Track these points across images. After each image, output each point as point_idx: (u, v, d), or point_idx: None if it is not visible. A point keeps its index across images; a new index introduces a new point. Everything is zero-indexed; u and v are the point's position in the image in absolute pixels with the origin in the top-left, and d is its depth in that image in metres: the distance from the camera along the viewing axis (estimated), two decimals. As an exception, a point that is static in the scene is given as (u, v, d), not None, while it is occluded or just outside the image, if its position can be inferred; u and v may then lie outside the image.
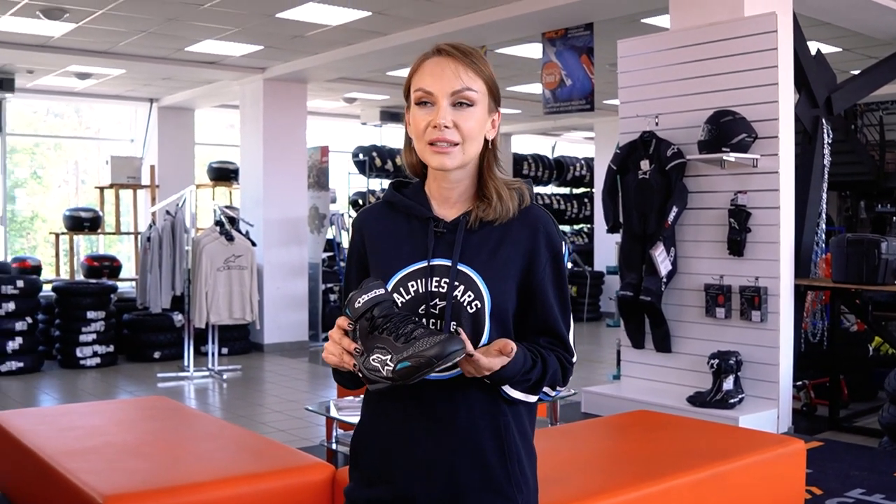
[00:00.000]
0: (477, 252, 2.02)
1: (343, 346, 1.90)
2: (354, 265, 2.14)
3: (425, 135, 1.99)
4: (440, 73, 1.99)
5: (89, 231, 12.61)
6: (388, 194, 2.14)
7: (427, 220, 2.06)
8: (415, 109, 2.02)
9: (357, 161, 13.89)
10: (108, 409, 5.32)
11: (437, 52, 2.03)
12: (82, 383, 9.66)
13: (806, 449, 4.46)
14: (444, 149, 1.98)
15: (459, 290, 1.99)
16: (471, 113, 2.00)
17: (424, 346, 1.79)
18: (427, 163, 2.03)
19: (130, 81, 12.45)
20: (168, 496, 3.53)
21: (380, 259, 2.07)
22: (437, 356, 1.78)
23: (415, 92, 2.02)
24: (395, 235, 2.08)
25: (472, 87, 2.00)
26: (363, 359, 1.87)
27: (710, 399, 6.32)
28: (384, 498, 2.03)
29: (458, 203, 2.08)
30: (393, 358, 1.82)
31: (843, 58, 10.30)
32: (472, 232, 2.04)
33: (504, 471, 2.01)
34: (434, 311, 1.99)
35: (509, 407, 2.04)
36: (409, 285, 2.00)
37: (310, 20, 9.05)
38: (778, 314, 6.29)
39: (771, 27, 6.20)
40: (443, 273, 2.00)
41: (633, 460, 4.10)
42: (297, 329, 12.18)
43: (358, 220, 2.16)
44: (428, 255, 2.02)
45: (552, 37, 8.77)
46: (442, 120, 1.97)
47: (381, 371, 1.83)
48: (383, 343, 1.84)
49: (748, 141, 6.24)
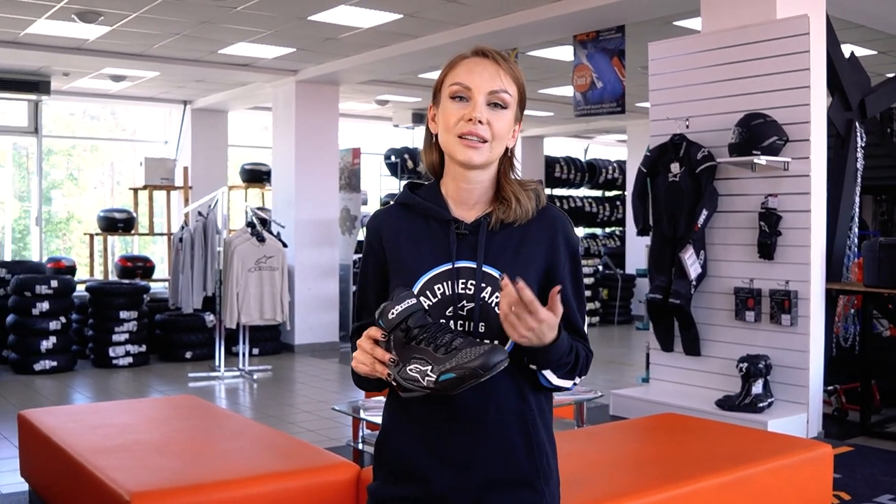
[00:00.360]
0: (500, 253, 2.04)
1: (376, 356, 1.92)
2: (371, 267, 2.15)
3: (456, 127, 2.01)
4: (480, 71, 2.03)
5: (123, 232, 12.73)
6: (404, 196, 2.16)
7: (447, 221, 2.07)
8: (447, 103, 2.04)
9: (389, 163, 13.95)
10: (137, 408, 5.38)
11: (476, 52, 2.07)
12: (114, 383, 9.75)
13: (835, 454, 4.43)
14: (474, 143, 2.01)
15: (487, 292, 2.01)
16: (503, 114, 2.03)
17: (468, 356, 1.81)
18: (452, 156, 2.05)
19: (164, 84, 12.57)
20: (194, 494, 3.57)
21: (402, 262, 2.08)
22: (483, 367, 1.80)
23: (451, 86, 2.04)
24: (415, 237, 2.09)
25: (508, 91, 2.04)
26: (398, 369, 1.89)
27: (738, 403, 6.29)
28: (412, 495, 2.06)
29: (476, 205, 2.10)
30: (434, 369, 1.83)
31: (878, 60, 10.20)
32: (494, 233, 2.06)
33: (532, 464, 2.05)
34: (462, 312, 2.01)
35: (535, 402, 2.08)
36: (436, 288, 2.02)
37: (342, 23, 9.09)
38: (808, 318, 6.25)
39: (803, 30, 6.16)
40: (468, 275, 2.02)
41: (659, 462, 4.09)
42: (327, 330, 12.23)
43: (374, 222, 2.17)
44: (452, 258, 2.04)
45: (583, 39, 8.76)
46: (477, 114, 1.99)
47: (420, 381, 1.85)
48: (421, 354, 1.86)
49: (779, 144, 6.21)
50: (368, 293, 2.15)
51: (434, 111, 2.10)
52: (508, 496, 2.04)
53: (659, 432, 4.75)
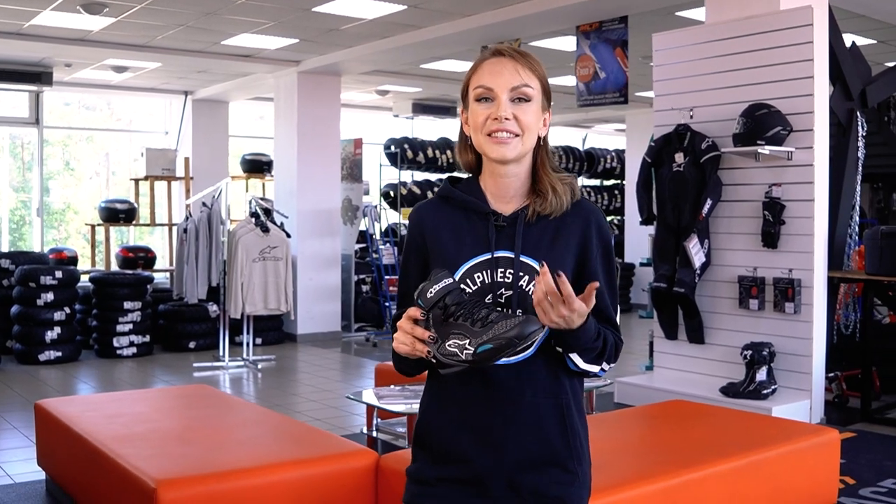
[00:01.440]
0: (537, 244, 2.13)
1: (416, 335, 2.00)
2: (413, 257, 2.24)
3: (485, 127, 2.11)
4: (499, 72, 2.12)
5: (124, 222, 12.77)
6: (445, 190, 2.25)
7: (486, 214, 2.17)
8: (474, 105, 2.14)
9: (389, 153, 13.96)
10: (152, 397, 5.44)
11: (494, 53, 2.16)
12: (119, 373, 9.81)
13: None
14: (504, 139, 2.10)
15: (524, 280, 2.10)
16: (528, 107, 2.13)
17: (504, 328, 1.89)
18: (486, 154, 2.15)
19: (166, 74, 12.60)
20: (217, 481, 3.63)
21: (443, 252, 2.16)
22: (519, 336, 1.88)
23: (475, 89, 2.14)
24: (455, 229, 2.18)
25: (530, 84, 2.13)
26: (438, 345, 1.96)
27: (742, 390, 6.37)
28: (453, 475, 2.14)
29: (514, 198, 2.19)
30: (472, 342, 1.91)
31: (878, 50, 10.27)
32: (531, 225, 2.15)
33: (566, 445, 2.15)
34: (500, 300, 2.10)
35: (569, 386, 2.17)
36: (476, 276, 2.11)
37: (345, 14, 9.13)
38: (811, 306, 6.33)
39: (806, 20, 6.22)
40: (506, 264, 2.11)
41: (669, 448, 4.17)
42: (329, 319, 12.30)
43: (416, 215, 2.26)
44: (491, 248, 2.13)
45: (586, 30, 8.81)
46: (502, 112, 2.09)
47: (459, 355, 1.93)
48: (459, 329, 1.94)
49: (783, 134, 6.27)
50: (410, 283, 2.23)
51: (465, 115, 2.19)
52: (542, 476, 2.12)
53: (668, 419, 4.82)
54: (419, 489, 2.20)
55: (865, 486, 5.02)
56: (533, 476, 2.12)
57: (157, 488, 3.47)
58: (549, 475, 2.13)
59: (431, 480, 2.18)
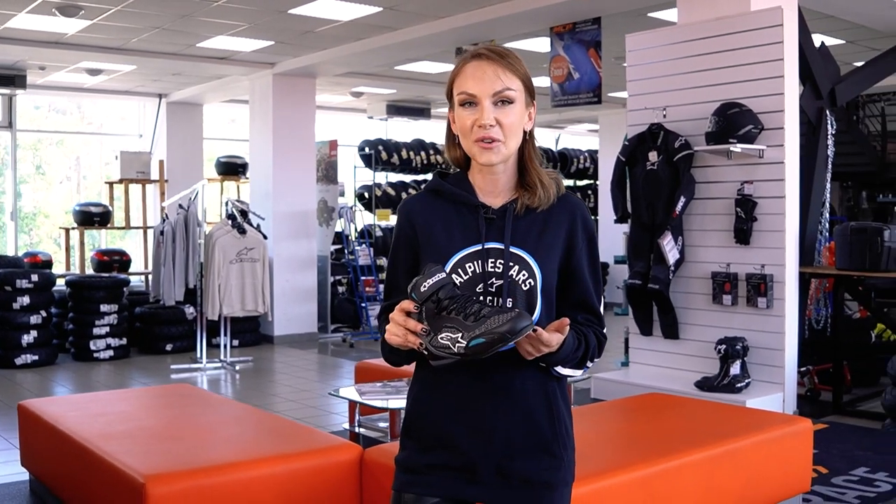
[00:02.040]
0: (525, 235, 2.22)
1: (408, 327, 2.07)
2: (403, 249, 2.31)
3: (472, 133, 2.19)
4: (481, 76, 2.19)
5: (99, 226, 12.75)
6: (435, 183, 2.32)
7: (476, 207, 2.24)
8: (459, 110, 2.22)
9: (363, 155, 14.02)
10: (134, 396, 5.48)
11: (475, 56, 2.22)
12: (96, 375, 9.81)
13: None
14: (490, 145, 2.18)
15: (514, 270, 2.18)
16: (511, 109, 2.19)
17: (496, 323, 1.96)
18: (475, 159, 2.24)
19: (140, 77, 12.59)
20: (205, 476, 3.68)
21: (434, 243, 2.24)
22: (510, 331, 1.95)
23: (458, 95, 2.21)
24: (446, 221, 2.26)
25: (511, 87, 2.19)
26: (430, 338, 2.04)
27: (717, 384, 6.47)
28: (443, 462, 2.22)
29: (502, 192, 2.27)
30: (465, 335, 1.98)
31: (847, 50, 10.43)
32: (519, 218, 2.23)
33: (553, 432, 2.23)
34: (491, 289, 2.18)
35: (554, 375, 2.25)
36: (467, 266, 2.19)
37: (321, 16, 9.18)
38: (783, 301, 6.44)
39: (777, 21, 6.33)
40: (497, 255, 2.19)
41: (647, 439, 4.26)
42: (306, 321, 12.34)
43: (406, 208, 2.33)
44: (481, 239, 2.20)
45: (560, 31, 8.91)
46: (487, 120, 2.16)
47: (451, 348, 2.00)
48: (452, 323, 2.01)
49: (754, 132, 6.38)
50: (399, 274, 2.31)
51: (452, 114, 2.27)
52: (530, 461, 2.21)
53: (644, 411, 4.92)
54: (409, 477, 2.27)
55: (838, 476, 5.14)
56: (521, 462, 2.20)
57: (145, 483, 3.52)
58: (537, 461, 2.21)
59: (421, 468, 2.24)
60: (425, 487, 2.24)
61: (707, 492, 3.97)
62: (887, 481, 4.99)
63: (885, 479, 5.02)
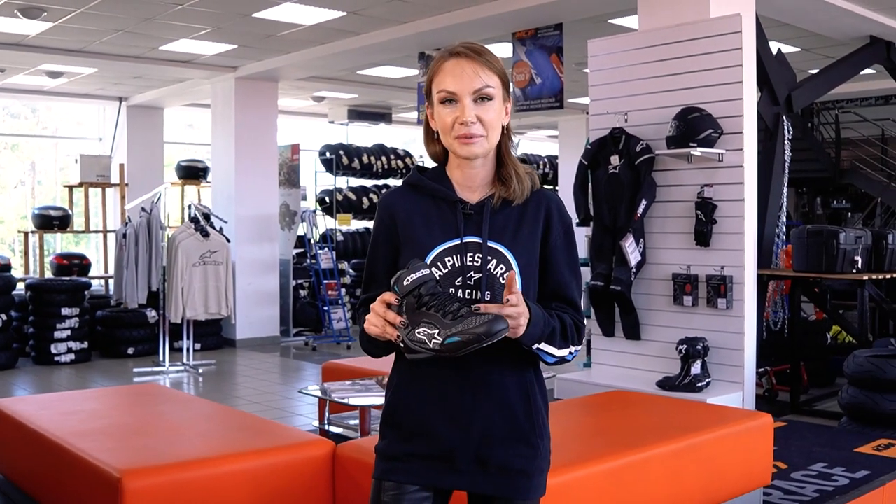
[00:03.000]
0: (502, 230, 2.29)
1: (388, 319, 2.14)
2: (383, 243, 2.37)
3: (453, 130, 2.26)
4: (460, 74, 2.25)
5: (59, 229, 12.66)
6: (414, 178, 2.39)
7: (454, 202, 2.31)
8: (439, 107, 2.28)
9: (324, 159, 14.06)
10: (104, 395, 5.48)
11: (453, 54, 2.29)
12: (57, 379, 9.77)
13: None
14: (472, 140, 2.25)
15: (492, 264, 2.25)
16: (490, 106, 2.27)
17: (473, 324, 2.03)
18: (456, 153, 2.30)
19: (101, 80, 12.55)
20: (180, 470, 3.71)
21: (414, 237, 2.30)
22: (486, 333, 2.03)
23: (438, 93, 2.28)
24: (425, 215, 2.32)
25: (490, 84, 2.26)
26: (408, 331, 2.10)
27: (678, 383, 6.58)
28: (423, 451, 2.28)
29: (480, 187, 2.34)
30: (441, 333, 2.05)
31: (802, 57, 10.65)
32: (496, 212, 2.30)
33: (529, 422, 2.31)
34: (470, 282, 2.25)
35: (532, 367, 2.33)
36: (446, 260, 2.26)
37: (285, 20, 9.22)
38: (743, 301, 6.56)
39: (736, 28, 6.46)
40: (475, 249, 2.26)
41: (614, 433, 4.36)
42: (268, 324, 12.35)
43: (386, 203, 2.39)
44: (460, 234, 2.27)
45: (522, 36, 9.02)
46: (468, 117, 2.23)
47: (427, 343, 2.07)
48: (430, 319, 2.08)
49: (714, 136, 6.51)
50: (378, 266, 2.38)
51: (430, 110, 2.33)
52: (507, 450, 2.28)
53: (608, 407, 5.02)
54: (389, 465, 2.32)
55: (797, 470, 5.27)
56: (499, 450, 2.26)
57: (121, 478, 3.53)
58: (514, 449, 2.28)
59: (401, 456, 2.30)
60: (405, 475, 2.29)
61: (673, 484, 4.07)
62: (844, 476, 5.13)
63: (842, 474, 5.16)
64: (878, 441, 5.97)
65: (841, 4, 8.28)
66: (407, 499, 2.29)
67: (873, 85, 13.02)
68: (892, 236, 7.56)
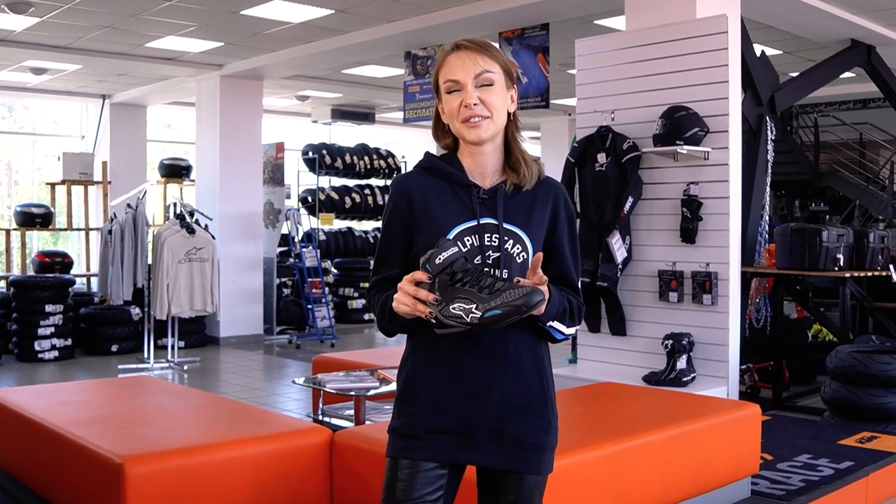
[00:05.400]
0: (515, 213, 2.40)
1: (420, 296, 2.22)
2: (397, 224, 2.44)
3: (459, 114, 2.38)
4: (462, 64, 2.39)
5: (41, 227, 12.64)
6: (428, 161, 2.48)
7: (468, 186, 2.41)
8: (446, 97, 2.41)
9: (307, 159, 14.06)
10: (99, 387, 5.51)
11: (456, 47, 2.43)
12: (41, 376, 9.75)
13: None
14: (477, 123, 2.36)
15: (509, 244, 2.36)
16: (492, 90, 2.38)
17: (512, 296, 2.12)
18: (464, 138, 2.40)
19: (84, 77, 12.52)
20: (181, 457, 3.75)
21: (432, 217, 2.38)
22: (526, 304, 2.12)
23: (444, 83, 2.41)
24: (442, 196, 2.41)
25: (491, 70, 2.39)
26: (441, 307, 2.18)
27: (664, 378, 6.65)
28: (442, 426, 2.35)
29: (490, 174, 2.45)
30: (480, 307, 2.13)
31: (785, 60, 10.78)
32: (509, 197, 2.41)
33: (542, 396, 2.41)
34: (489, 261, 2.34)
35: (544, 345, 2.44)
36: (465, 240, 2.35)
37: (272, 17, 9.25)
38: (727, 297, 6.65)
39: (722, 28, 6.56)
40: (492, 230, 2.36)
41: (607, 421, 4.43)
42: (252, 322, 12.37)
43: (402, 184, 2.47)
44: (476, 215, 2.37)
45: (509, 36, 9.10)
46: (471, 99, 2.36)
47: (464, 318, 2.15)
48: (466, 294, 2.16)
49: (700, 135, 6.60)
50: (392, 247, 2.45)
51: (440, 105, 2.45)
52: (523, 423, 2.36)
53: (600, 398, 5.09)
54: (405, 443, 2.38)
55: (783, 461, 5.36)
56: (514, 424, 2.35)
57: (123, 464, 3.57)
58: (529, 423, 2.37)
59: (419, 433, 2.36)
60: (421, 452, 2.36)
61: (665, 472, 4.15)
62: (829, 466, 5.22)
63: (827, 465, 5.25)
64: (861, 434, 6.08)
65: (823, 7, 8.41)
66: (422, 476, 2.35)
67: (852, 88, 13.20)
68: (873, 234, 7.68)
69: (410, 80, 10.29)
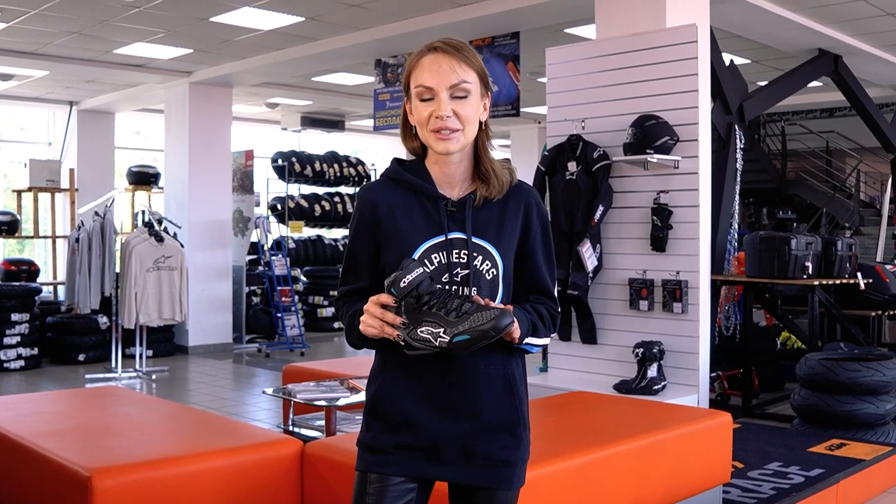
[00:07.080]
0: (486, 226, 2.32)
1: (386, 319, 2.17)
2: (364, 236, 2.37)
3: (429, 124, 2.27)
4: (437, 70, 2.26)
5: (7, 235, 12.51)
6: (393, 171, 2.40)
7: (436, 199, 2.33)
8: (417, 103, 2.29)
9: (276, 166, 14.02)
10: (66, 397, 5.43)
11: (431, 49, 2.31)
12: (7, 386, 9.63)
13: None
14: (447, 136, 2.27)
15: (478, 260, 2.29)
16: (467, 101, 2.28)
17: (480, 320, 2.07)
18: (433, 149, 2.32)
19: (52, 83, 12.42)
20: (150, 469, 3.70)
21: (399, 232, 2.31)
22: (494, 329, 2.07)
23: (415, 88, 2.29)
24: (408, 210, 2.33)
25: (467, 80, 2.28)
26: (408, 331, 2.13)
27: (635, 386, 6.66)
28: (408, 443, 2.31)
29: (459, 183, 2.37)
30: (447, 331, 2.08)
31: (753, 69, 10.86)
32: (478, 209, 2.33)
33: (514, 412, 2.36)
34: (457, 279, 2.28)
35: (514, 361, 2.38)
36: (433, 257, 2.28)
37: (242, 24, 9.21)
38: (697, 306, 6.68)
39: (691, 38, 6.59)
40: (460, 245, 2.29)
41: (576, 431, 4.42)
42: (221, 331, 12.28)
43: (368, 195, 2.39)
44: (444, 230, 2.30)
45: (479, 44, 9.10)
46: (444, 112, 2.25)
47: (432, 342, 2.10)
48: (433, 318, 2.11)
49: (670, 143, 6.62)
50: (358, 257, 2.38)
51: (409, 105, 2.34)
52: (492, 440, 2.32)
53: (571, 407, 5.09)
54: (374, 457, 2.34)
55: (753, 469, 5.39)
56: (485, 441, 2.30)
57: (91, 476, 3.52)
58: (499, 441, 2.32)
59: (388, 448, 2.32)
60: (390, 466, 2.31)
61: (637, 481, 4.15)
62: (799, 474, 5.25)
63: (797, 473, 5.28)
64: (831, 441, 6.12)
65: (791, 17, 8.48)
66: (392, 490, 2.31)
67: (819, 97, 13.32)
68: (841, 243, 7.74)
69: (381, 88, 10.27)
